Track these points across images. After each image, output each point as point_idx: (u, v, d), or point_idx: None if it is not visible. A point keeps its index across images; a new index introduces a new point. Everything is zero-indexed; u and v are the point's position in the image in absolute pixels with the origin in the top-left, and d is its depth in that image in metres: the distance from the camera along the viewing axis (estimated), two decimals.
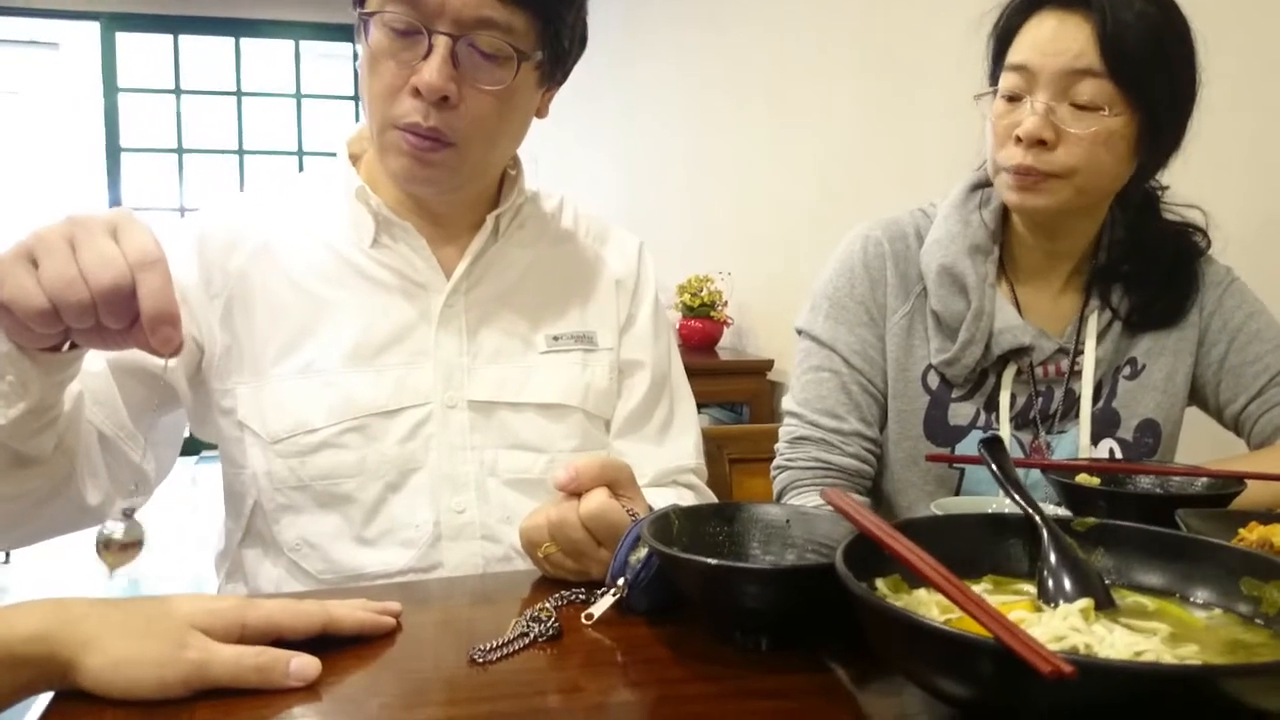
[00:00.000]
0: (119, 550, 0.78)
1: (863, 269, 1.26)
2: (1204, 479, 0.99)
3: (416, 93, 0.96)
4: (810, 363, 1.27)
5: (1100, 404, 1.23)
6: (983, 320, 1.20)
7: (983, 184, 1.27)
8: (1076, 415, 1.23)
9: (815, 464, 1.23)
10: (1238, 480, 0.94)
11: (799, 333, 1.30)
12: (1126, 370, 1.25)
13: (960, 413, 1.23)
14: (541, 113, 1.11)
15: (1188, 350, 1.25)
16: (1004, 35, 1.17)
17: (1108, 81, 1.09)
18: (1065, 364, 1.23)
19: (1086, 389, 1.22)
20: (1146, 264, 1.22)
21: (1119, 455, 1.22)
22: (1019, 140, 1.11)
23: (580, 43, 1.09)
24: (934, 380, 1.24)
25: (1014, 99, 1.13)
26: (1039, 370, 1.23)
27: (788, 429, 1.28)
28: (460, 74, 0.97)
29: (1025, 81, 1.12)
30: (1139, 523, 0.73)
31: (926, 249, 1.25)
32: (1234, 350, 1.24)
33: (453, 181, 1.05)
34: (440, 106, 0.97)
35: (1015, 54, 1.13)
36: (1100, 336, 1.24)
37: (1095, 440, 1.22)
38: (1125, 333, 1.25)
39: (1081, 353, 1.23)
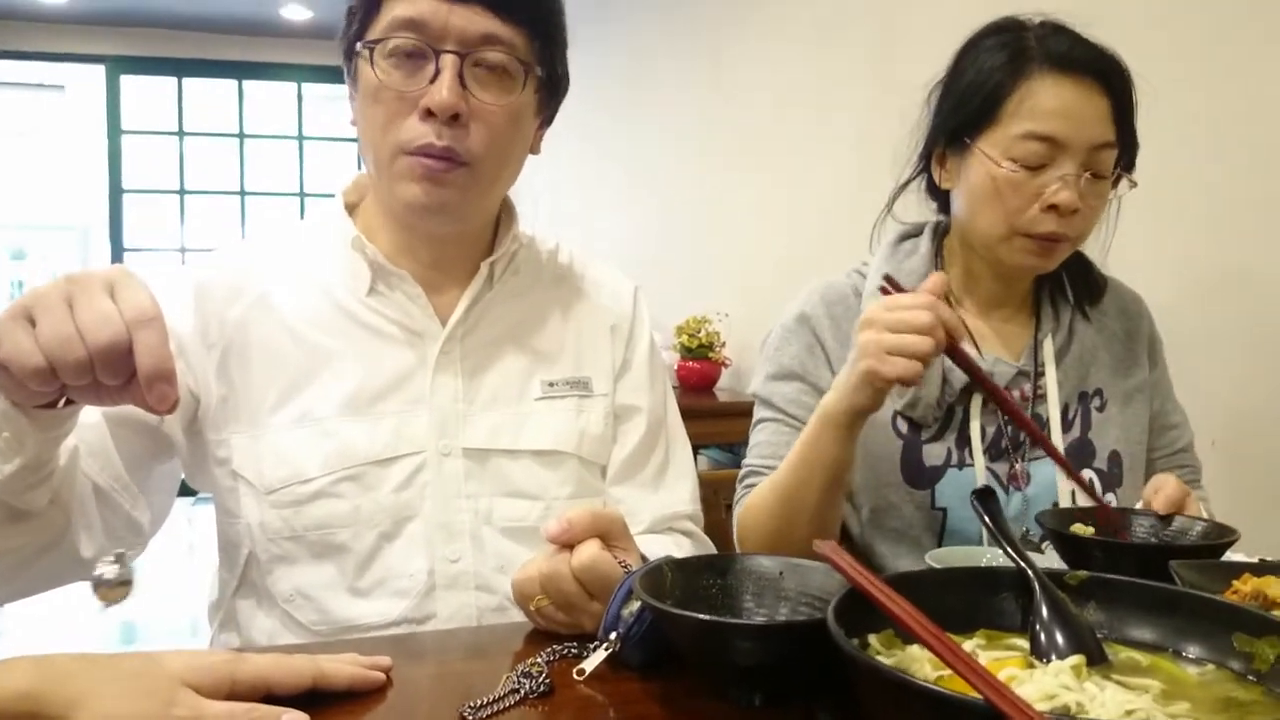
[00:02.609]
0: (112, 588, 0.79)
1: (800, 327, 1.31)
2: (1200, 527, 0.98)
3: (427, 114, 0.98)
4: (756, 418, 1.34)
5: (1076, 435, 1.26)
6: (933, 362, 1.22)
7: (909, 235, 1.34)
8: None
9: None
10: (1231, 530, 0.94)
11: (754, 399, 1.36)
12: (1096, 401, 1.28)
13: (934, 453, 1.24)
14: (535, 148, 1.14)
15: (1140, 377, 1.31)
16: (993, 93, 1.17)
17: (1115, 151, 1.16)
18: (1028, 388, 1.25)
19: (1054, 410, 1.24)
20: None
21: (1098, 485, 1.24)
22: (1051, 208, 1.14)
23: (566, 80, 1.11)
24: (903, 425, 1.25)
25: (1035, 167, 1.14)
26: None
27: (740, 478, 1.33)
28: (468, 94, 0.99)
29: (1050, 151, 1.14)
30: (1135, 572, 0.73)
31: (865, 302, 1.29)
32: (1156, 394, 1.32)
33: (463, 205, 1.05)
34: (451, 125, 0.99)
35: (1035, 122, 1.14)
36: (1059, 357, 1.27)
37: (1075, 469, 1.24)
38: (1084, 359, 1.28)
39: (1043, 374, 1.26)
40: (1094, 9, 1.20)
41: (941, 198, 1.31)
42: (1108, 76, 1.15)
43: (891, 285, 1.09)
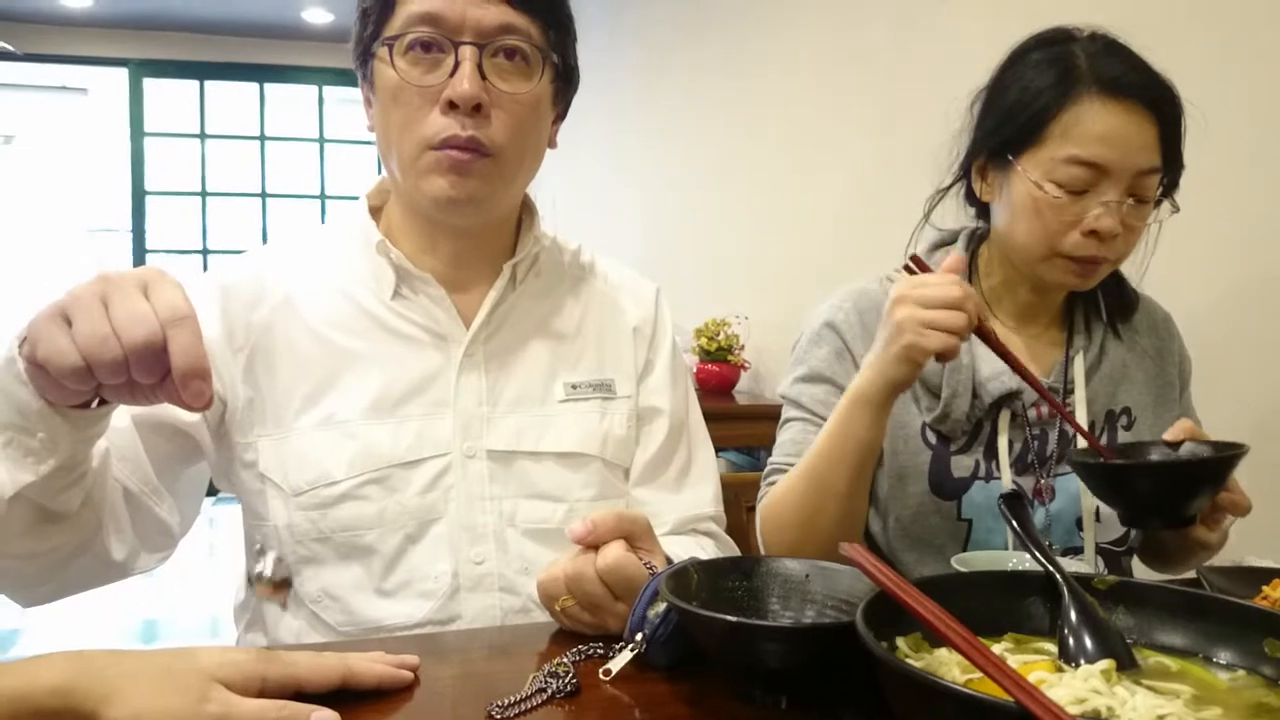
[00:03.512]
0: (271, 585, 0.82)
1: (829, 332, 1.30)
2: (1208, 446, 1.05)
3: (450, 107, 0.99)
4: (784, 417, 1.33)
5: None
6: (961, 372, 1.22)
7: (942, 244, 1.32)
8: None
9: None
10: (1238, 444, 1.00)
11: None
12: (1123, 420, 1.27)
13: (961, 465, 1.23)
14: (551, 143, 1.14)
15: (1171, 395, 1.30)
16: (1039, 114, 1.14)
17: (1159, 175, 1.14)
18: None
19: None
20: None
21: None
22: (1091, 233, 1.13)
23: (578, 73, 1.13)
24: (932, 436, 1.25)
25: (1078, 191, 1.12)
26: (1031, 412, 1.24)
27: (764, 476, 1.32)
28: (488, 85, 1.00)
29: (1094, 176, 1.12)
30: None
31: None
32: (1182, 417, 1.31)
33: (489, 196, 1.05)
34: (474, 116, 0.99)
35: (1081, 147, 1.11)
36: (1088, 376, 1.26)
37: None
38: (1114, 377, 1.27)
39: (1072, 392, 1.25)
40: (1122, 15, 1.18)
41: (980, 204, 1.30)
42: (1158, 104, 1.12)
43: (917, 265, 1.09)
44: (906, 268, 1.10)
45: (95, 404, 0.80)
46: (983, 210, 1.30)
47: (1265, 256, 1.59)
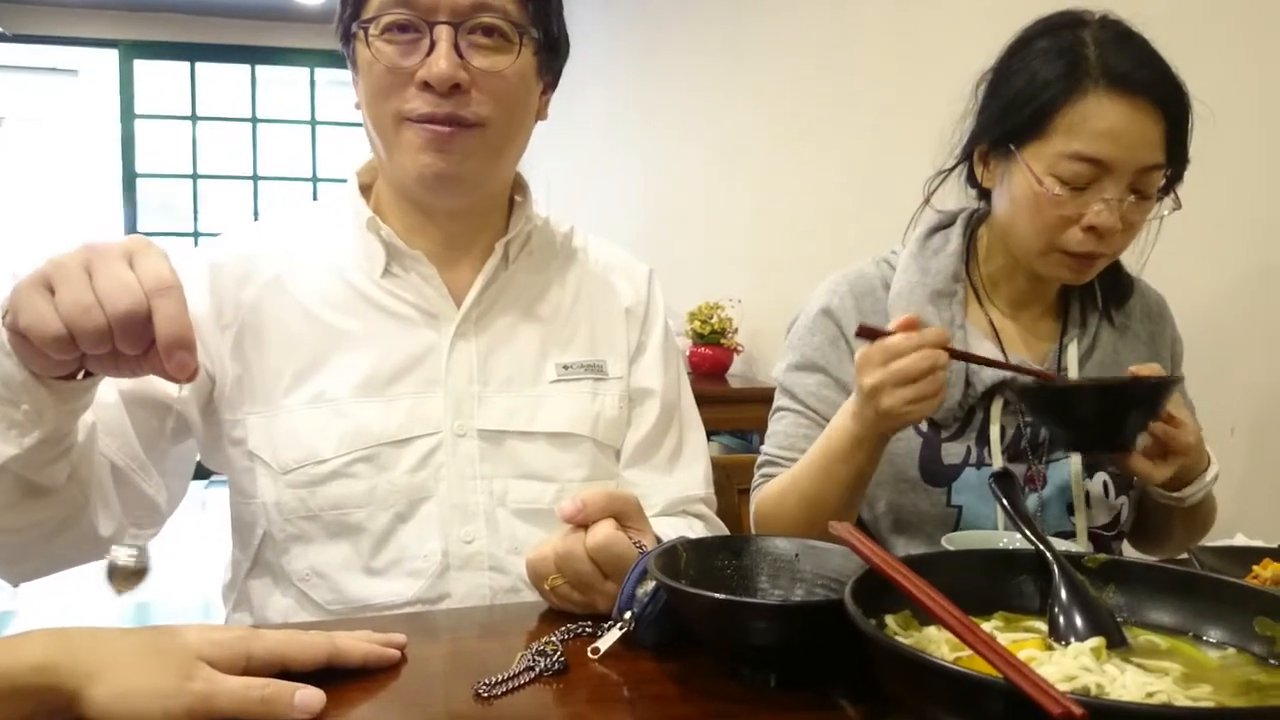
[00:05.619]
0: (126, 577, 0.79)
1: (824, 319, 1.30)
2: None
3: (425, 87, 0.98)
4: (776, 405, 1.33)
5: None
6: (955, 362, 1.21)
7: (940, 227, 1.31)
8: None
9: None
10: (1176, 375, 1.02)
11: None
12: None
13: (952, 451, 1.23)
14: (542, 114, 1.13)
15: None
16: (1044, 106, 1.12)
17: (1163, 170, 1.13)
18: None
19: None
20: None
21: (1111, 487, 1.23)
22: (1091, 229, 1.11)
23: (566, 41, 1.11)
24: (923, 423, 1.24)
25: (1080, 187, 1.11)
26: None
27: (758, 465, 1.32)
28: (466, 63, 0.99)
29: (1097, 172, 1.10)
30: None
31: (891, 301, 1.27)
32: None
33: (474, 172, 1.04)
34: (452, 95, 0.99)
35: (1085, 143, 1.09)
36: (1081, 363, 1.25)
37: (1090, 472, 1.23)
38: (1106, 364, 1.26)
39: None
40: (1131, 4, 1.17)
41: (981, 187, 1.28)
42: (1166, 101, 1.10)
43: (876, 333, 1.06)
44: (859, 334, 1.08)
45: (81, 375, 0.79)
46: (984, 192, 1.29)
47: (1268, 244, 1.59)
